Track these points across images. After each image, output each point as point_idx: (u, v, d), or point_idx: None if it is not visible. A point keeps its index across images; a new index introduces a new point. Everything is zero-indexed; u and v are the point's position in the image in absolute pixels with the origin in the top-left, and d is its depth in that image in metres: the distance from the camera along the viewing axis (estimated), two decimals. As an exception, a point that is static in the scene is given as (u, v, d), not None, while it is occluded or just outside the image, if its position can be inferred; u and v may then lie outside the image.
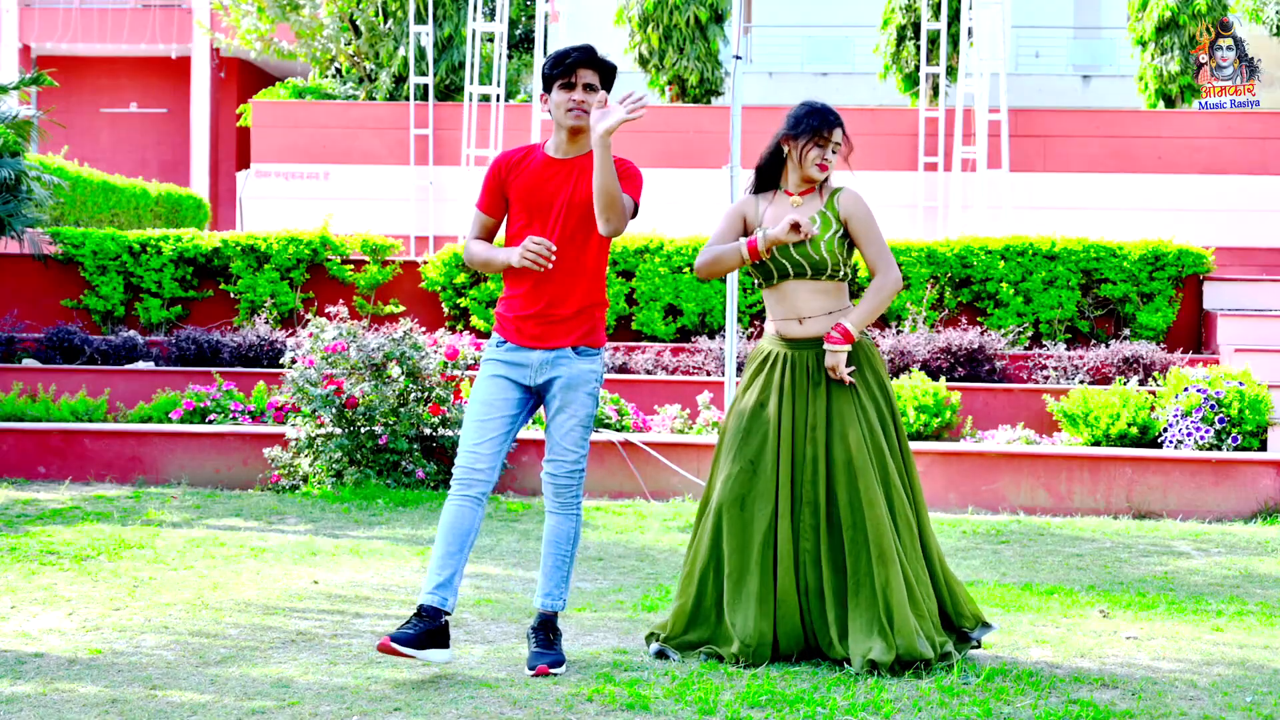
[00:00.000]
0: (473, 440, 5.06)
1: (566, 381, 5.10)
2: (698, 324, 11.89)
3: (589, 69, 5.03)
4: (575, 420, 5.11)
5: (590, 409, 5.16)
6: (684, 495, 9.39)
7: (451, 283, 12.09)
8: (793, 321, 5.29)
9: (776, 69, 25.30)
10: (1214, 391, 9.68)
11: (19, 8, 25.11)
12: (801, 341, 5.28)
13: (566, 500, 5.15)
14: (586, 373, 5.13)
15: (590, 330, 5.14)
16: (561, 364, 5.10)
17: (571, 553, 5.19)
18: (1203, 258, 11.85)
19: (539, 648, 5.06)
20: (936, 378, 10.78)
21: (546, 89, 5.09)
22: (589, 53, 5.04)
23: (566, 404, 5.11)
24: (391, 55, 17.30)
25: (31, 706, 4.50)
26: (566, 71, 5.01)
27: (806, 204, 5.34)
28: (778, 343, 5.32)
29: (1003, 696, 4.72)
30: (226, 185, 24.81)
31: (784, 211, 5.31)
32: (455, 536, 4.99)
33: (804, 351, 5.27)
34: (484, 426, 5.07)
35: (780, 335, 5.32)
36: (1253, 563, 7.53)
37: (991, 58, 14.59)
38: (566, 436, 5.11)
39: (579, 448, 5.12)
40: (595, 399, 5.18)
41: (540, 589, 5.19)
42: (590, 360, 5.15)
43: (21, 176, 11.29)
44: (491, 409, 5.09)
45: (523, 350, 5.11)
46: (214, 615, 5.82)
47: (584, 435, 5.15)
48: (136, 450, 9.69)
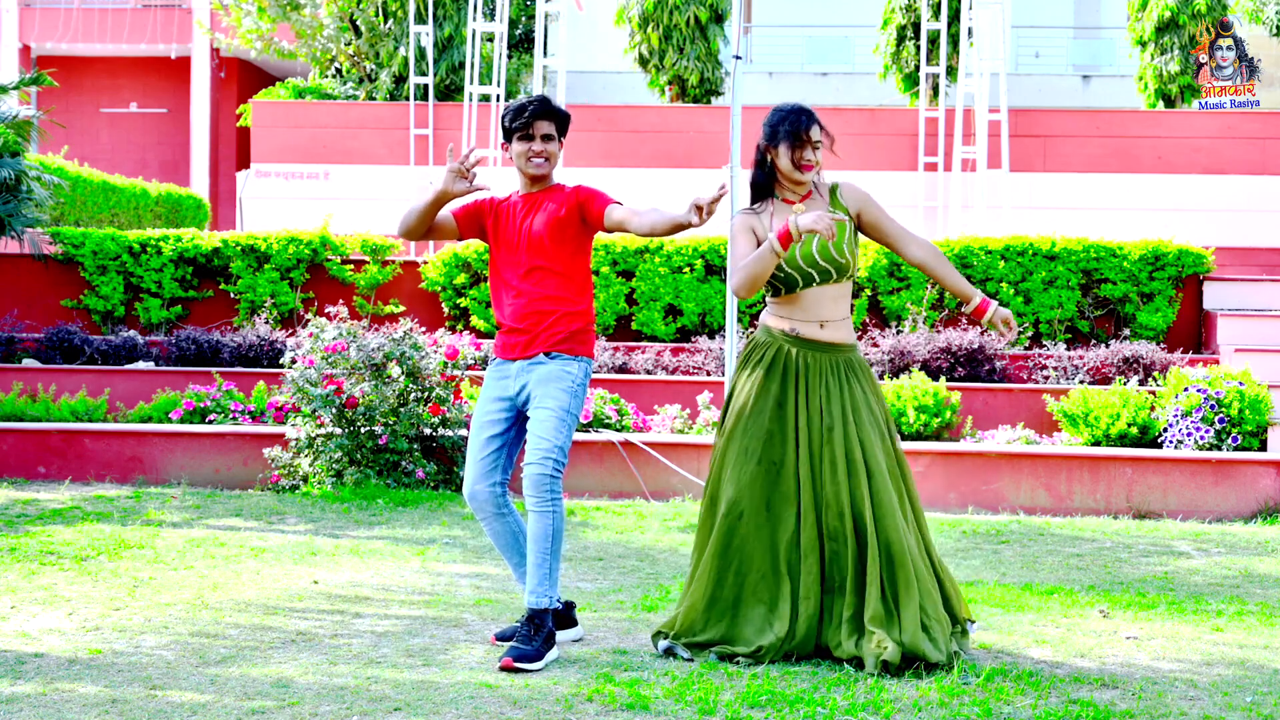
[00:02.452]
0: (469, 464, 5.44)
1: (539, 378, 5.32)
2: (698, 324, 11.89)
3: (546, 120, 5.38)
4: (548, 410, 5.25)
5: (565, 402, 5.27)
6: (684, 495, 9.39)
7: (451, 283, 12.09)
8: (813, 325, 5.26)
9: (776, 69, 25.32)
10: (1214, 391, 9.68)
11: (19, 8, 25.10)
12: (820, 345, 5.26)
13: (543, 496, 5.21)
14: (561, 370, 5.31)
15: (565, 339, 5.34)
16: (535, 367, 5.35)
17: (554, 549, 5.26)
18: (1203, 258, 11.85)
19: (519, 639, 5.15)
20: (936, 378, 10.78)
21: (507, 139, 5.42)
22: (546, 104, 5.39)
23: (541, 396, 5.29)
24: (391, 55, 17.30)
25: (31, 706, 4.50)
26: (525, 124, 5.36)
27: (810, 208, 5.32)
28: (791, 341, 5.27)
29: (1003, 696, 4.72)
30: (226, 185, 24.80)
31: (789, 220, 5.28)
32: (509, 551, 5.48)
33: (821, 354, 5.25)
34: (475, 449, 5.42)
35: (797, 335, 5.27)
36: (1253, 563, 7.53)
37: (991, 58, 14.59)
38: (540, 425, 5.25)
39: (553, 437, 5.22)
40: (572, 395, 5.29)
41: (526, 586, 5.31)
42: (566, 362, 5.33)
43: (21, 176, 11.29)
44: (483, 429, 5.42)
45: (506, 363, 5.43)
46: (214, 615, 5.82)
47: (559, 426, 5.24)
48: (136, 450, 9.69)
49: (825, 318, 5.26)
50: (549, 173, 5.43)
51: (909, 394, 10.09)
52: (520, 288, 5.35)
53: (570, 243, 5.35)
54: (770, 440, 5.21)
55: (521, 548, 5.42)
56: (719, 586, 5.21)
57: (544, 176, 5.42)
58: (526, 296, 5.35)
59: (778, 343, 5.29)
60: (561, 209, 5.34)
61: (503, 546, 5.47)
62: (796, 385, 5.23)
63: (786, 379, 5.25)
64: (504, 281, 5.42)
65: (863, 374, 5.29)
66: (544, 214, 5.35)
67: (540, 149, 5.35)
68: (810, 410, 5.20)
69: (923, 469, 9.30)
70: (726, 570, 5.20)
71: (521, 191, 5.48)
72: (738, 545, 5.19)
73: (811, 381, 5.23)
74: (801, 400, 5.21)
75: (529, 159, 5.37)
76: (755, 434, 5.22)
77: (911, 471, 5.40)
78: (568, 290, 5.35)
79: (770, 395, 5.25)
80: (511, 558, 5.48)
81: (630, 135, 15.50)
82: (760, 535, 5.17)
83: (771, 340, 5.31)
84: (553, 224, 5.33)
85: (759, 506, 5.18)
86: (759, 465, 5.19)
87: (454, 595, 6.31)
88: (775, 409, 5.23)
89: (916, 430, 10.03)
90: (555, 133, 5.39)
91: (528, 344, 5.34)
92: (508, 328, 5.40)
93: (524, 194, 5.46)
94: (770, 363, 5.28)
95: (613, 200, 5.35)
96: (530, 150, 5.36)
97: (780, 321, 5.32)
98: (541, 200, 5.40)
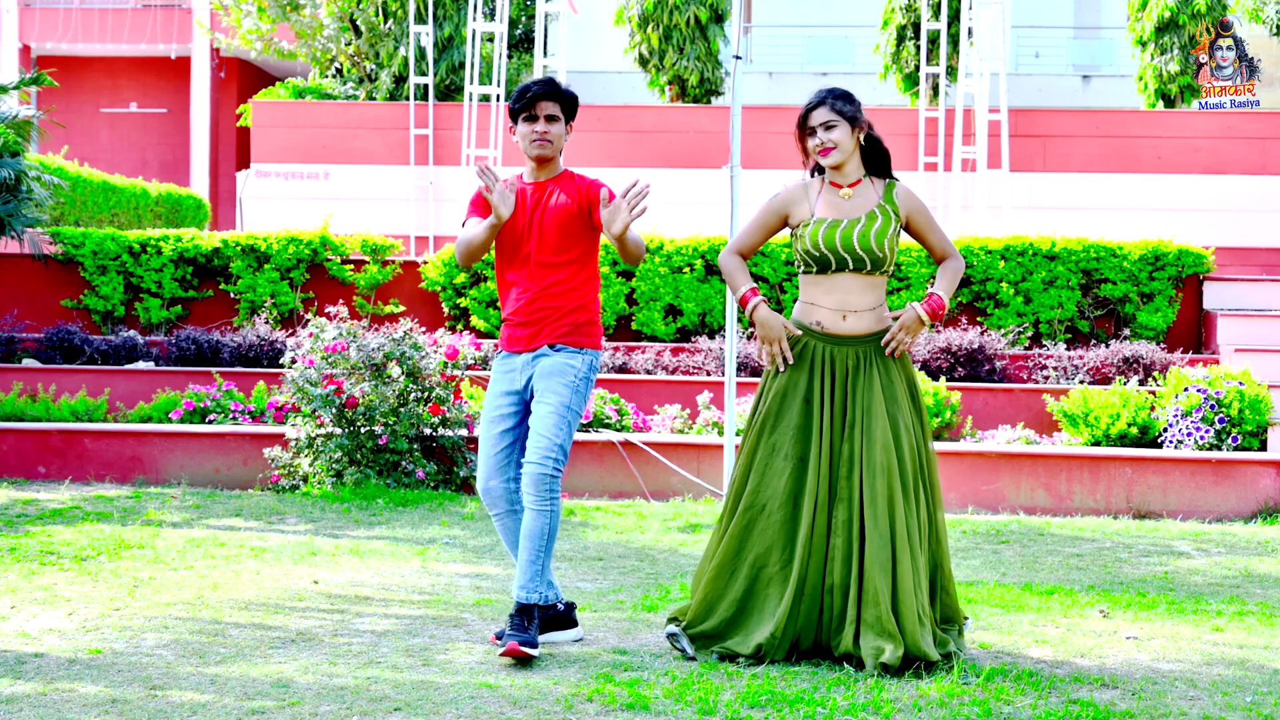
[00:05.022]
0: (481, 459, 5.42)
1: (543, 371, 5.29)
2: (698, 324, 11.89)
3: (551, 101, 5.30)
4: (549, 407, 5.22)
5: (567, 399, 5.23)
6: (684, 495, 9.39)
7: (451, 283, 12.09)
8: (837, 315, 5.25)
9: (776, 69, 25.31)
10: (1214, 391, 9.68)
11: (19, 8, 25.09)
12: (844, 338, 5.25)
13: (542, 494, 5.19)
14: (564, 364, 5.28)
15: (571, 331, 5.31)
16: (540, 360, 5.31)
17: (547, 547, 5.26)
18: (1203, 258, 11.85)
19: (512, 630, 5.16)
20: (936, 378, 10.78)
21: (513, 120, 5.34)
22: (550, 85, 5.31)
23: (544, 391, 5.26)
24: (391, 55, 17.30)
25: (31, 706, 4.50)
26: (528, 105, 5.29)
27: (859, 195, 5.31)
28: (818, 337, 5.27)
29: (1003, 696, 4.71)
30: (226, 185, 24.79)
31: (834, 203, 5.28)
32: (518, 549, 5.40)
33: (845, 348, 5.25)
34: (487, 444, 5.39)
35: (822, 329, 5.27)
36: (1253, 563, 7.53)
37: (991, 58, 14.59)
38: (541, 422, 5.22)
39: (554, 435, 5.19)
40: (576, 391, 5.26)
41: (516, 581, 5.30)
42: (570, 355, 5.30)
43: (21, 176, 11.28)
44: (494, 424, 5.40)
45: (512, 356, 5.39)
46: (214, 615, 5.82)
47: (559, 424, 5.21)
48: (136, 450, 9.69)
49: (851, 308, 5.25)
50: (554, 155, 5.33)
51: (909, 394, 10.09)
52: (527, 279, 5.31)
53: (579, 237, 5.31)
54: (798, 436, 5.21)
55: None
56: (733, 578, 5.21)
57: (549, 160, 5.34)
58: (533, 289, 5.30)
59: (805, 338, 5.29)
60: (574, 204, 5.28)
61: (512, 544, 5.44)
62: (823, 381, 5.24)
63: (814, 375, 5.26)
64: (510, 271, 5.37)
65: (895, 360, 5.29)
66: (555, 206, 5.28)
67: (544, 130, 5.27)
68: (834, 407, 5.21)
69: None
70: (741, 563, 5.21)
71: (528, 178, 5.39)
72: (755, 539, 5.19)
73: (837, 377, 5.23)
74: (827, 396, 5.22)
75: (531, 140, 5.29)
76: (784, 430, 5.22)
77: (937, 462, 5.36)
78: (575, 283, 5.31)
79: (799, 391, 5.25)
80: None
81: (630, 135, 15.50)
82: (782, 530, 5.17)
83: (799, 336, 5.31)
84: (564, 218, 5.28)
85: (784, 501, 5.18)
86: (787, 460, 5.20)
87: (454, 595, 6.31)
88: (803, 404, 5.24)
89: (916, 430, 10.03)
90: (560, 114, 5.30)
91: (533, 336, 5.31)
92: (515, 320, 5.35)
93: (532, 181, 5.37)
94: (798, 358, 5.28)
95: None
96: (533, 131, 5.28)
97: (807, 313, 5.31)
98: (551, 189, 5.33)
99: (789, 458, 5.20)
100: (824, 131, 5.25)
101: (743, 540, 5.22)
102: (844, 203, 5.29)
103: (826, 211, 5.27)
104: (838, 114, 5.25)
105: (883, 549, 5.06)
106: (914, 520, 5.14)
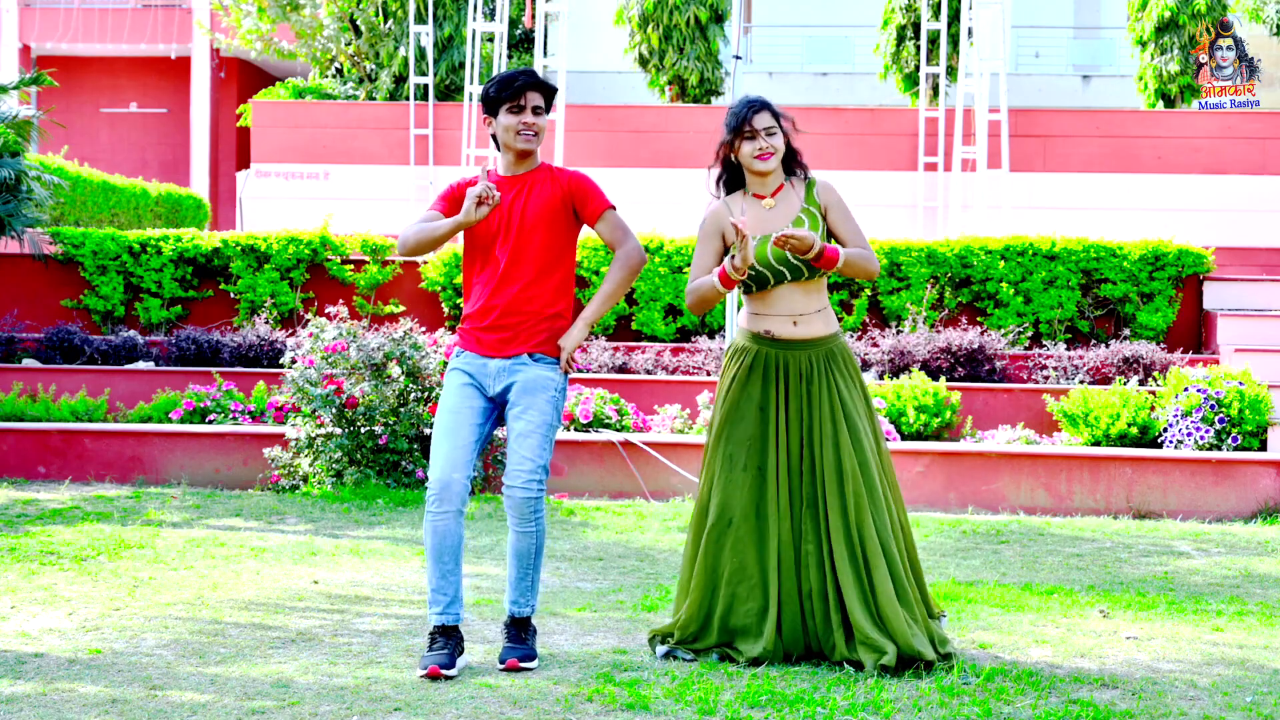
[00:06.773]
0: (444, 451, 5.05)
1: (523, 385, 5.08)
2: (698, 324, 11.89)
3: (538, 91, 5.12)
4: (532, 426, 5.03)
5: (549, 417, 5.08)
6: (684, 495, 9.40)
7: (451, 283, 12.09)
8: (786, 322, 5.21)
9: (776, 69, 25.31)
10: (1214, 391, 9.68)
11: (19, 8, 25.09)
12: (793, 343, 5.21)
13: (526, 516, 5.05)
14: (545, 378, 5.10)
15: (548, 339, 5.13)
16: (518, 370, 5.10)
17: (536, 563, 5.14)
18: (1203, 258, 11.85)
19: (510, 643, 5.11)
20: (936, 378, 10.78)
21: (492, 112, 5.14)
22: (535, 75, 5.14)
23: (525, 408, 5.05)
24: (391, 55, 17.30)
25: (31, 706, 4.50)
26: (515, 95, 5.09)
27: (781, 202, 5.28)
28: (767, 344, 5.22)
29: (1003, 696, 4.72)
30: (226, 185, 24.79)
31: (760, 215, 5.23)
32: (449, 555, 5.04)
33: (796, 353, 5.21)
34: (454, 436, 5.06)
35: (771, 336, 5.22)
36: (1253, 563, 7.53)
37: (991, 58, 14.59)
38: (524, 443, 5.02)
39: (538, 457, 5.02)
40: (555, 409, 5.10)
41: (508, 596, 5.18)
42: (549, 368, 5.12)
43: (21, 176, 11.28)
44: (459, 417, 5.08)
45: (482, 359, 5.13)
46: (214, 615, 5.82)
47: (542, 443, 5.04)
48: (136, 450, 9.69)
49: (798, 313, 5.21)
50: (536, 149, 5.17)
51: (909, 394, 10.10)
52: (500, 280, 5.09)
53: (561, 234, 5.13)
54: (754, 446, 5.17)
55: (460, 556, 5.06)
56: (713, 597, 5.18)
57: (531, 153, 5.17)
58: (507, 291, 5.08)
59: (755, 347, 5.24)
60: (555, 197, 5.11)
61: (442, 549, 5.01)
62: (776, 388, 5.19)
63: (767, 382, 5.21)
64: (481, 269, 5.16)
65: (845, 364, 5.25)
66: (536, 199, 5.10)
67: (531, 121, 5.10)
68: (790, 414, 5.17)
69: (923, 469, 9.30)
70: (719, 580, 5.17)
71: (502, 171, 5.20)
72: (729, 554, 5.16)
73: (791, 384, 5.18)
74: (781, 403, 5.18)
75: (518, 132, 5.09)
76: (740, 440, 5.19)
77: (893, 463, 5.36)
78: (550, 285, 5.12)
79: (753, 400, 5.20)
80: (445, 564, 5.03)
81: (630, 135, 15.50)
82: (750, 542, 5.14)
83: (749, 345, 5.25)
84: (546, 211, 5.10)
85: (748, 513, 5.15)
86: (745, 471, 5.16)
87: (454, 595, 6.30)
88: (758, 413, 5.19)
89: (916, 430, 10.03)
90: (544, 104, 5.14)
91: (506, 342, 5.10)
92: (485, 323, 5.11)
93: (507, 174, 5.18)
94: (750, 367, 5.23)
95: (610, 205, 5.18)
96: (521, 123, 5.08)
97: (755, 322, 5.25)
98: (530, 182, 5.14)
99: (747, 469, 5.15)
100: (767, 136, 5.21)
101: (716, 557, 5.17)
102: (770, 214, 5.22)
103: (755, 228, 5.19)
104: (776, 119, 5.25)
105: (854, 557, 5.06)
106: (884, 521, 5.13)
